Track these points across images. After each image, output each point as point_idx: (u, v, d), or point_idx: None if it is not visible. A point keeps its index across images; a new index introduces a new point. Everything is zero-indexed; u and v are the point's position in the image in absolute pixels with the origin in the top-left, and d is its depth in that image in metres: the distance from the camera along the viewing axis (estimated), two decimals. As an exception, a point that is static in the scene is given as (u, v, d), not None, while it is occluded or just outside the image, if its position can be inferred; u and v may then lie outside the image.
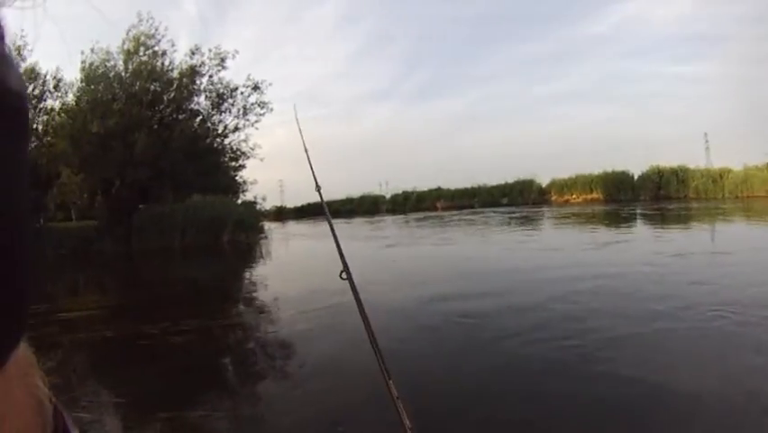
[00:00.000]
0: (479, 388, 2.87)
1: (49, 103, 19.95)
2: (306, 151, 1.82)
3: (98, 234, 17.85)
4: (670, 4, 53.89)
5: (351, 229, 18.62)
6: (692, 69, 51.58)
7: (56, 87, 19.91)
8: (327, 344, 3.93)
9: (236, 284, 8.44)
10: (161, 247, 16.18)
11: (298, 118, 2.01)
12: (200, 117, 20.31)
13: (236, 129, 20.93)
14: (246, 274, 9.56)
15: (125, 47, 18.75)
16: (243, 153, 21.36)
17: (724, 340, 3.33)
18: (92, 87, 18.54)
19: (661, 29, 51.61)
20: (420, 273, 7.11)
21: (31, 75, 19.19)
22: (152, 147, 17.75)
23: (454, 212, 25.14)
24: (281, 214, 36.09)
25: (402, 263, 8.40)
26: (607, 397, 2.59)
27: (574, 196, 30.93)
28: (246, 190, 22.04)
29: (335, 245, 1.45)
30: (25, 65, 18.73)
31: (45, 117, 19.84)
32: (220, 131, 20.88)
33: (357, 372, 3.14)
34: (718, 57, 47.31)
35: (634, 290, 4.97)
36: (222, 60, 19.66)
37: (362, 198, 36.72)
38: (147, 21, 18.69)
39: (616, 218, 15.43)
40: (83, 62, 18.75)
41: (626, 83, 56.01)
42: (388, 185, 40.46)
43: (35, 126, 19.57)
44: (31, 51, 18.40)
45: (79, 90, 19.16)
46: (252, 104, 20.51)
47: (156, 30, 18.83)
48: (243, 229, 17.43)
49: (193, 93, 19.75)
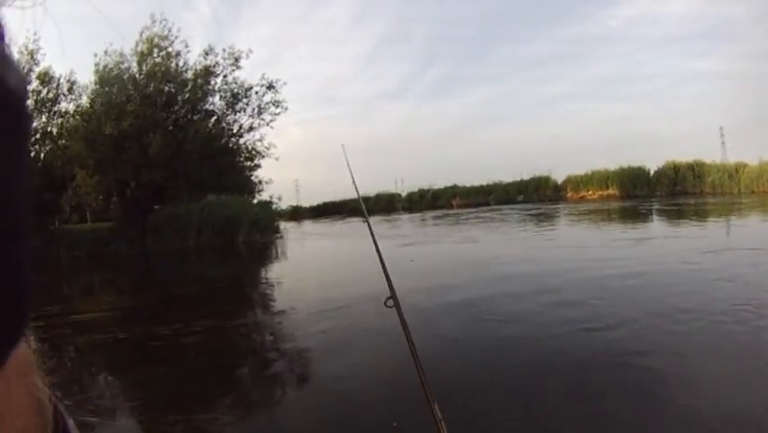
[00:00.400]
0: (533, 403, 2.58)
1: (63, 106, 20.00)
2: (354, 182, 2.12)
3: (113, 235, 17.84)
4: (681, -2, 53.19)
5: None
6: (706, 64, 50.88)
7: (70, 89, 19.95)
8: (346, 348, 3.73)
9: (250, 285, 8.28)
10: (176, 248, 16.13)
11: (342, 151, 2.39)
12: (215, 117, 20.27)
13: (251, 129, 20.88)
14: (261, 275, 9.40)
15: (139, 49, 18.76)
16: (258, 153, 21.27)
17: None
18: (106, 89, 18.56)
19: (673, 24, 50.90)
20: (450, 274, 6.69)
21: (44, 78, 19.25)
22: (167, 148, 17.72)
23: (471, 209, 24.79)
24: (297, 213, 36.06)
25: (428, 263, 8.05)
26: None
27: (590, 192, 30.47)
28: (262, 190, 21.96)
29: (381, 265, 1.33)
30: (39, 69, 18.84)
31: (60, 120, 19.89)
32: (235, 131, 20.82)
33: (378, 377, 3.01)
34: (732, 52, 46.59)
35: (676, 286, 4.73)
36: (236, 60, 19.63)
37: (378, 197, 36.38)
38: (160, 22, 18.72)
39: (636, 214, 15.08)
40: (96, 64, 18.82)
41: (640, 79, 55.29)
42: (403, 183, 39.96)
43: (50, 129, 19.65)
44: (44, 55, 18.59)
45: (93, 92, 19.19)
46: (267, 103, 20.46)
47: (169, 31, 18.84)
48: (259, 229, 17.34)
49: (207, 93, 19.69)
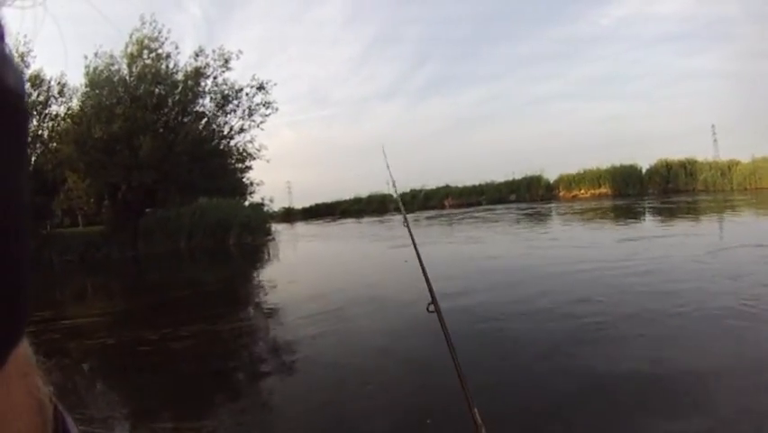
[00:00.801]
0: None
1: (54, 109, 19.93)
2: (393, 183, 2.39)
3: (105, 239, 17.76)
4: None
5: (360, 228, 18.41)
6: (697, 63, 51.09)
7: (60, 92, 19.88)
8: (338, 350, 3.71)
9: (242, 287, 8.23)
10: (168, 251, 16.08)
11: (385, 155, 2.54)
12: (205, 119, 20.24)
13: (242, 130, 20.89)
14: (252, 277, 9.36)
15: (129, 50, 18.67)
16: (249, 155, 21.31)
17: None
18: (96, 91, 18.48)
19: (665, 23, 51.13)
20: (457, 276, 6.20)
21: (35, 81, 19.14)
22: (157, 150, 17.66)
23: (463, 209, 24.73)
24: (290, 215, 36.09)
25: (438, 265, 7.56)
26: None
27: (582, 191, 30.51)
28: (253, 192, 21.97)
29: (421, 271, 1.30)
30: (29, 71, 18.71)
31: (50, 123, 19.79)
32: (225, 132, 20.82)
33: (363, 380, 2.97)
34: (724, 50, 46.83)
35: (689, 284, 4.63)
36: (226, 62, 19.60)
37: (371, 198, 36.33)
38: (150, 24, 18.66)
39: (632, 213, 15.06)
40: (87, 67, 18.72)
41: (632, 78, 55.53)
42: (396, 183, 39.98)
43: (40, 132, 19.53)
44: (34, 58, 18.47)
45: (84, 95, 19.11)
46: (257, 104, 20.47)
47: (159, 33, 18.78)
48: (250, 231, 17.31)
49: (198, 95, 19.66)
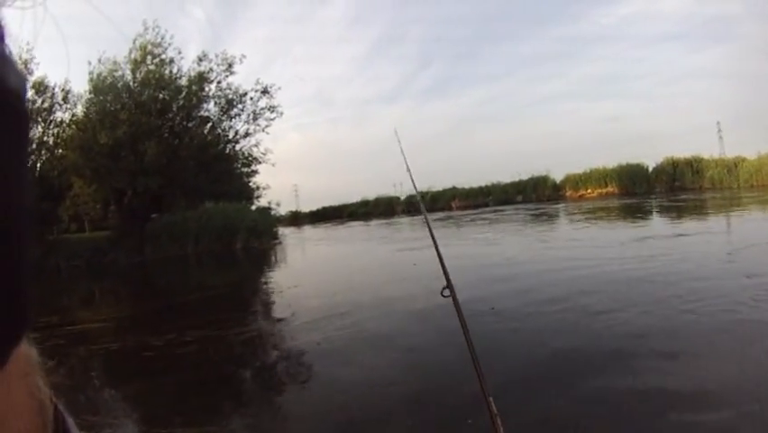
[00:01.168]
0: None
1: (58, 115, 19.93)
2: (413, 183, 2.07)
3: (112, 244, 17.73)
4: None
5: (369, 231, 18.29)
6: (701, 61, 51.00)
7: (65, 99, 19.86)
8: (347, 352, 3.67)
9: (249, 291, 8.13)
10: (175, 256, 16.02)
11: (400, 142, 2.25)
12: (210, 124, 20.20)
13: (247, 134, 20.85)
14: (259, 281, 9.25)
15: (132, 56, 18.66)
16: (255, 159, 21.26)
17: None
18: (100, 97, 18.47)
19: (669, 21, 50.91)
20: (475, 279, 5.92)
21: (39, 88, 19.14)
22: (162, 155, 17.64)
23: (471, 211, 24.60)
24: (297, 219, 36.05)
25: (457, 270, 7.30)
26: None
27: (589, 190, 30.39)
28: (260, 196, 21.96)
29: (437, 257, 1.34)
30: (33, 78, 18.72)
31: (56, 130, 19.80)
32: (230, 137, 20.77)
33: (375, 387, 2.89)
34: (728, 48, 46.62)
35: (715, 287, 4.45)
36: (229, 66, 19.57)
37: (378, 200, 36.27)
38: (153, 29, 18.63)
39: (642, 211, 14.85)
40: (90, 73, 18.73)
41: (636, 77, 55.73)
42: (402, 186, 39.72)
43: (46, 139, 19.53)
44: (38, 65, 18.48)
45: (88, 101, 19.13)
46: (262, 108, 20.43)
47: (162, 38, 18.76)
48: (257, 235, 17.23)
49: (202, 100, 19.61)
